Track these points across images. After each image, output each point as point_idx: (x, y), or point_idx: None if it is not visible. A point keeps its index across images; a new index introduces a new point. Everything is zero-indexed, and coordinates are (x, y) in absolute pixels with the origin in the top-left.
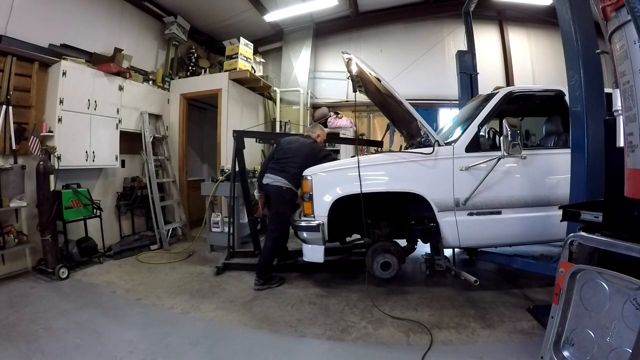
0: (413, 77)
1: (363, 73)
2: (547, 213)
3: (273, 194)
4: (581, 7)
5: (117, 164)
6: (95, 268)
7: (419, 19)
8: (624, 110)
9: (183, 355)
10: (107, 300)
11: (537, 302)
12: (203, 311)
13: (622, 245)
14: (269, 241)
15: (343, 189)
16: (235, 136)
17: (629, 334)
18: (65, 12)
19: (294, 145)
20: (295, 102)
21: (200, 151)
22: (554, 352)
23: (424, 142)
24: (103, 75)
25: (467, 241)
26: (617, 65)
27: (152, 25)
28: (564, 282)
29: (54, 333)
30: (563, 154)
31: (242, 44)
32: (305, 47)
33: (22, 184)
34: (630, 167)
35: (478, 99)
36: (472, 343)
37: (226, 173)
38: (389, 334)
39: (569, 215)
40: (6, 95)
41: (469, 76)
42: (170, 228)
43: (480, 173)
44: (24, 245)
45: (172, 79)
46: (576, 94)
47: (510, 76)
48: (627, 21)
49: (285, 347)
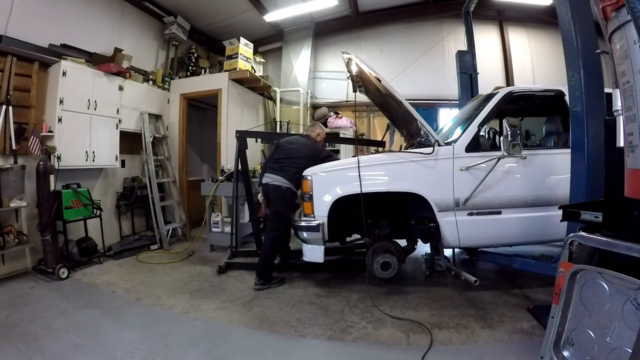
0: (413, 77)
1: (363, 73)
2: (547, 213)
3: (272, 193)
4: (581, 7)
5: (117, 164)
6: (95, 268)
7: (419, 19)
8: (624, 110)
9: (183, 355)
10: (107, 300)
11: (537, 302)
12: (203, 311)
13: (622, 245)
14: (267, 241)
15: (343, 189)
16: (238, 136)
17: (629, 334)
18: (65, 12)
19: (294, 146)
20: (295, 102)
21: (200, 151)
22: (554, 352)
23: (424, 142)
24: (103, 75)
25: (467, 241)
26: (617, 65)
27: (152, 25)
28: (564, 282)
29: (54, 333)
30: (563, 154)
31: (242, 44)
32: (305, 47)
33: (22, 184)
34: (630, 167)
35: (478, 99)
36: (472, 343)
37: (226, 173)
38: (389, 334)
39: (569, 215)
40: (6, 95)
41: (469, 76)
42: (170, 228)
43: (480, 173)
44: (24, 245)
45: (172, 79)
46: (576, 94)
47: (510, 76)
48: (627, 21)
49: (285, 347)
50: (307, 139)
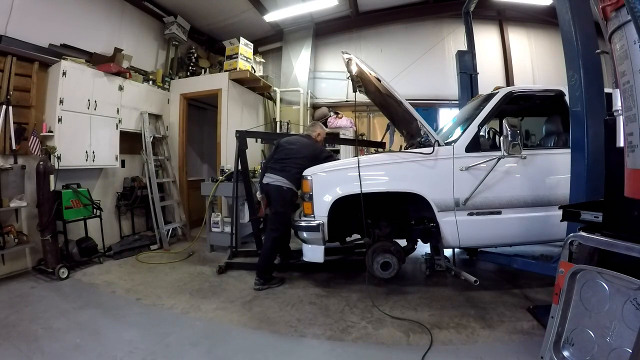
0: (413, 77)
1: (363, 73)
2: (547, 213)
3: (273, 193)
4: (581, 7)
5: (117, 164)
6: (95, 268)
7: (419, 19)
8: (624, 110)
9: (183, 355)
10: (107, 300)
11: (537, 302)
12: (203, 311)
13: (622, 245)
14: (268, 241)
15: (343, 189)
16: (238, 136)
17: (629, 334)
18: (65, 12)
19: (295, 146)
20: (295, 102)
21: (200, 151)
22: (554, 352)
23: (424, 142)
24: (103, 75)
25: (467, 241)
26: (617, 65)
27: (152, 25)
28: (564, 282)
29: (54, 333)
30: (563, 154)
31: (242, 44)
32: (305, 47)
33: (22, 184)
34: (630, 167)
35: (478, 99)
36: (472, 343)
37: (226, 173)
38: (389, 334)
39: (569, 215)
40: (6, 95)
41: (469, 76)
42: (170, 228)
43: (480, 173)
44: (24, 245)
45: (172, 79)
46: (576, 94)
47: (510, 76)
48: (627, 21)
49: (285, 347)
50: (307, 139)
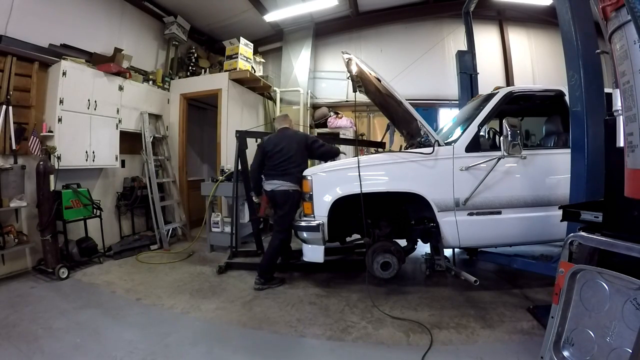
0: (413, 77)
1: (363, 73)
2: (547, 213)
3: (280, 198)
4: (581, 7)
5: (117, 164)
6: (95, 268)
7: (419, 19)
8: (624, 110)
9: (183, 355)
10: (107, 300)
11: (537, 302)
12: (203, 311)
13: (622, 245)
14: (276, 241)
15: (343, 189)
16: (238, 136)
17: (629, 334)
18: (65, 12)
19: (283, 145)
20: (295, 102)
21: (200, 151)
22: (554, 352)
23: (424, 142)
24: (103, 75)
25: (467, 241)
26: (617, 65)
27: (152, 25)
28: (564, 282)
29: (54, 333)
30: (563, 154)
31: (242, 44)
32: (305, 47)
33: (22, 184)
34: (630, 167)
35: (478, 99)
36: (472, 343)
37: (226, 173)
38: (389, 334)
39: (569, 215)
40: (6, 95)
41: (469, 76)
42: (170, 228)
43: (480, 173)
44: (24, 245)
45: (172, 79)
46: (576, 94)
47: (510, 76)
48: (627, 21)
49: (285, 347)
50: (286, 131)
